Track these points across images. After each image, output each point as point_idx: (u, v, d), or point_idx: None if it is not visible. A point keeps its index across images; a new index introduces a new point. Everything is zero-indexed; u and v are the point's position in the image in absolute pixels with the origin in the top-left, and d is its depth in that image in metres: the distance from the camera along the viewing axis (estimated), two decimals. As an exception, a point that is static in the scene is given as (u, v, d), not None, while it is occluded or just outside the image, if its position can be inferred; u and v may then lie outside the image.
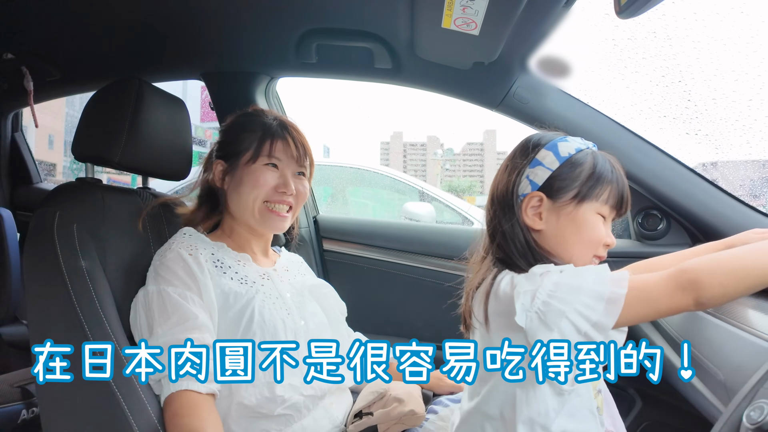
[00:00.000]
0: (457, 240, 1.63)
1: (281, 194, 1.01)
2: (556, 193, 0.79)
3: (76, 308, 0.80)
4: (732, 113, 1.14)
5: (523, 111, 1.30)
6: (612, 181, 0.79)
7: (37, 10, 1.20)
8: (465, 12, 0.93)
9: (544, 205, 0.79)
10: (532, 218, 0.79)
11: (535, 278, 0.72)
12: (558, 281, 0.70)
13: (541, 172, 0.80)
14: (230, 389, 0.86)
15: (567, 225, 0.79)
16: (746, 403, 0.55)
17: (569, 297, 0.69)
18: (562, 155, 0.80)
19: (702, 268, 0.67)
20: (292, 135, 1.04)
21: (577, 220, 0.79)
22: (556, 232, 0.79)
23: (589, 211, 0.79)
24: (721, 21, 0.86)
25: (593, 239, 0.79)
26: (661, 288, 0.68)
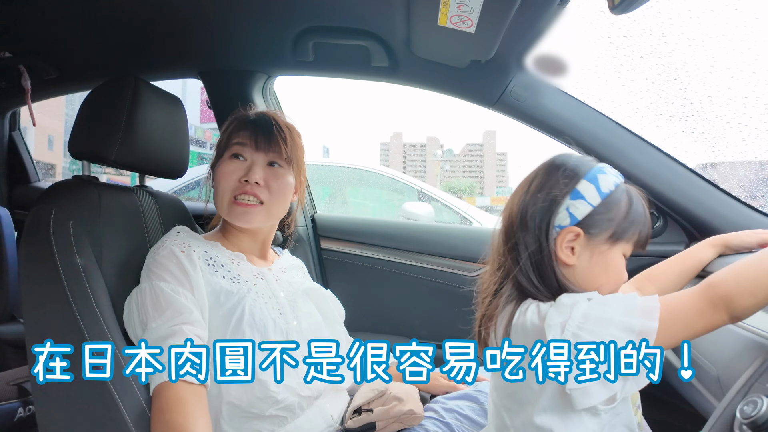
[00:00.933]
0: (454, 239, 1.63)
1: (245, 184, 0.97)
2: (592, 231, 0.76)
3: (72, 305, 0.80)
4: (728, 111, 1.14)
5: (519, 109, 1.30)
6: (642, 222, 0.78)
7: (35, 8, 1.20)
8: (461, 9, 0.94)
9: (579, 240, 0.76)
10: (567, 253, 0.76)
11: (564, 309, 0.70)
12: (587, 313, 0.68)
13: (582, 207, 0.75)
14: (219, 388, 0.85)
15: (597, 264, 0.76)
16: (739, 398, 0.55)
17: (599, 329, 0.67)
18: (604, 191, 0.76)
19: (729, 281, 0.65)
20: (260, 123, 1.00)
21: (607, 260, 0.77)
22: (587, 269, 0.77)
23: (618, 253, 0.77)
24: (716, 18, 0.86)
25: (619, 280, 0.78)
26: (694, 309, 0.66)
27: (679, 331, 0.67)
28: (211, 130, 14.13)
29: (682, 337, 0.68)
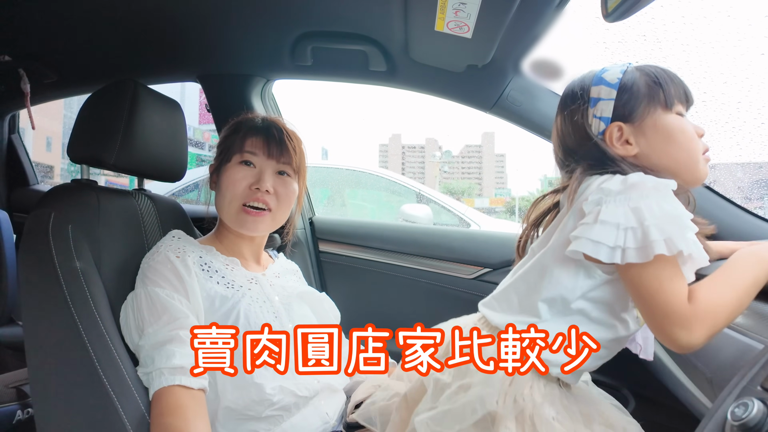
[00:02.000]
0: (453, 241, 1.64)
1: (256, 191, 0.98)
2: (630, 116, 0.79)
3: (71, 309, 0.80)
4: (721, 115, 1.15)
5: (516, 113, 1.31)
6: (669, 79, 0.79)
7: (34, 12, 1.21)
8: (457, 15, 0.95)
9: (626, 131, 0.79)
10: (623, 147, 0.79)
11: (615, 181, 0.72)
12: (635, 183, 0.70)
13: (604, 106, 0.79)
14: (216, 393, 0.86)
15: (656, 137, 0.78)
16: (731, 400, 0.56)
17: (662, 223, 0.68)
18: (613, 82, 0.80)
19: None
20: (270, 131, 1.01)
21: (663, 129, 0.78)
22: (650, 148, 0.78)
23: (670, 117, 0.79)
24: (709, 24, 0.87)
25: (689, 139, 0.78)
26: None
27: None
28: (210, 132, 14.11)
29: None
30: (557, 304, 0.76)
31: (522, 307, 0.81)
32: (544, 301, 0.77)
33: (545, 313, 0.77)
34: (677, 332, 0.66)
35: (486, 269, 1.54)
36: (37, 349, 0.81)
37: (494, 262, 1.53)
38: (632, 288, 0.71)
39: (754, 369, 0.58)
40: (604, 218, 0.69)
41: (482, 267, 1.54)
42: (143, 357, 0.82)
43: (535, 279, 0.80)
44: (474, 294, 1.55)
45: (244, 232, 1.01)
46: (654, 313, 0.68)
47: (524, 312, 0.80)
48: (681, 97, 0.79)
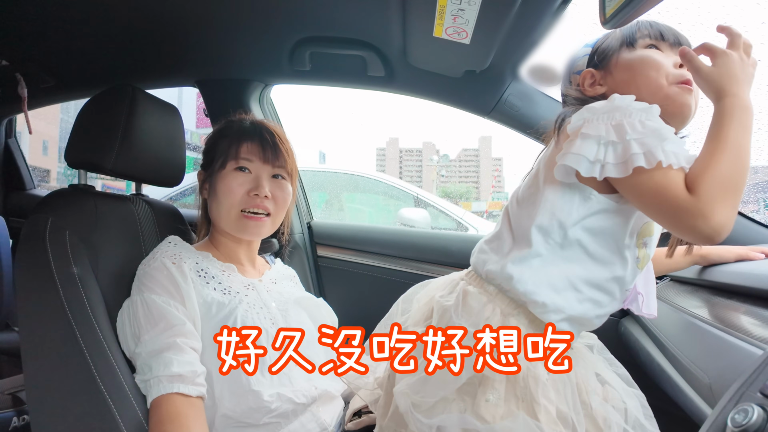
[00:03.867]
0: (451, 246, 1.64)
1: (254, 198, 0.98)
2: (601, 63, 0.85)
3: (68, 314, 0.80)
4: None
5: (514, 118, 1.32)
6: (646, 21, 0.83)
7: (32, 17, 1.20)
8: (456, 21, 0.95)
9: (597, 76, 0.85)
10: (593, 89, 0.85)
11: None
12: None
13: (581, 62, 0.89)
14: (214, 400, 0.86)
15: (622, 73, 0.82)
16: (731, 406, 0.56)
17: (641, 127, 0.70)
18: (591, 43, 0.88)
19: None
20: (263, 135, 1.01)
21: (627, 63, 0.82)
22: (617, 84, 0.83)
23: (633, 52, 0.82)
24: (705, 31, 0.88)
25: (651, 66, 0.80)
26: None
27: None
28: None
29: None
30: (554, 232, 0.76)
31: (515, 241, 0.80)
32: (538, 228, 0.77)
33: (541, 246, 0.77)
34: (697, 225, 0.66)
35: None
36: (33, 355, 0.80)
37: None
38: (635, 199, 0.72)
39: (754, 375, 0.58)
40: (586, 132, 0.71)
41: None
42: (140, 364, 0.82)
43: (527, 206, 0.80)
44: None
45: (246, 237, 1.01)
46: (665, 215, 0.69)
47: (517, 246, 0.79)
48: (653, 34, 0.83)
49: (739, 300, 0.81)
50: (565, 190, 0.76)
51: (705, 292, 0.94)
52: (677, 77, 0.79)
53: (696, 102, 0.81)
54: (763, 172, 1.38)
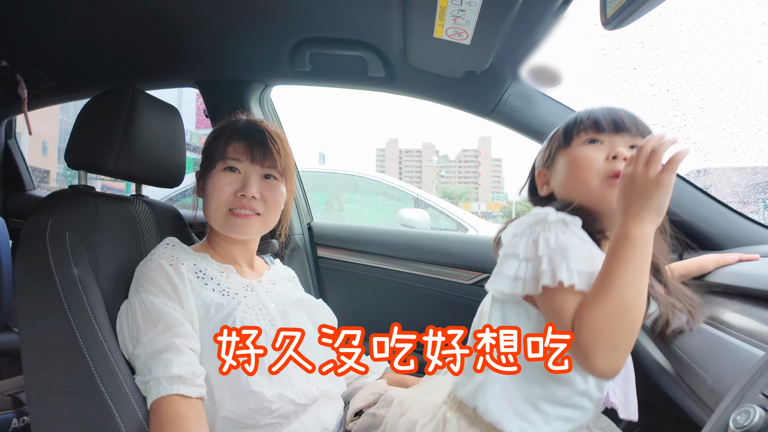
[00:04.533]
0: (450, 246, 1.64)
1: (241, 198, 0.97)
2: (547, 160, 0.88)
3: (68, 315, 0.80)
4: (719, 121, 1.16)
5: (514, 119, 1.32)
6: (587, 112, 0.83)
7: (32, 17, 1.20)
8: (456, 22, 0.95)
9: (547, 174, 0.87)
10: (544, 189, 0.87)
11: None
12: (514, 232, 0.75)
13: (538, 157, 0.91)
14: (214, 402, 0.85)
15: (560, 174, 0.84)
16: (733, 407, 0.56)
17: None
18: (550, 135, 0.90)
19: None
20: (253, 135, 1.00)
21: (563, 163, 0.83)
22: (558, 183, 0.84)
23: (569, 150, 0.83)
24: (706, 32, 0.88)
25: (581, 164, 0.79)
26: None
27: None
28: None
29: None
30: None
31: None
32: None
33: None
34: (581, 361, 0.66)
35: (485, 274, 1.54)
36: (33, 356, 0.80)
37: (493, 267, 1.53)
38: (549, 318, 0.71)
39: (755, 376, 0.58)
40: (509, 251, 0.73)
41: (481, 272, 1.54)
42: (139, 366, 0.82)
43: (484, 323, 0.80)
44: (472, 299, 1.54)
45: (235, 235, 1.00)
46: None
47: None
48: (588, 126, 0.81)
49: (741, 301, 0.81)
50: (510, 307, 0.77)
51: (706, 294, 0.94)
52: (608, 172, 0.77)
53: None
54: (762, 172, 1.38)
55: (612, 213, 0.74)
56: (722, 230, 1.16)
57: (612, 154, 0.77)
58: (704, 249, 1.18)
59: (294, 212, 1.68)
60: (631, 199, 0.65)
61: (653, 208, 0.64)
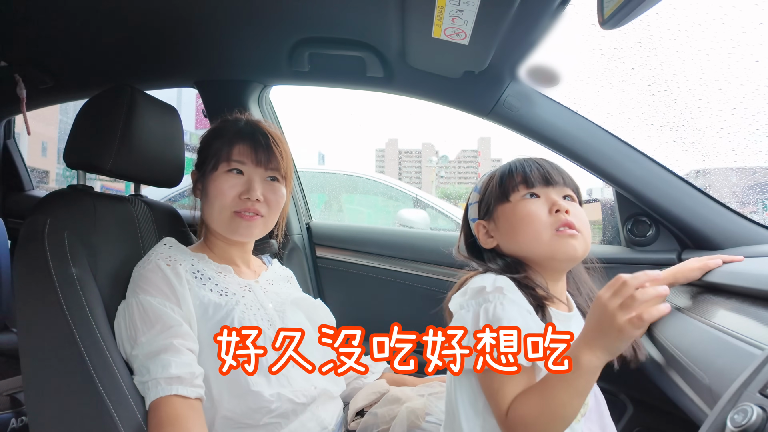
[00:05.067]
0: (449, 246, 1.63)
1: (246, 201, 0.97)
2: (487, 214, 0.88)
3: (67, 315, 0.80)
4: (717, 121, 1.16)
5: (513, 119, 1.32)
6: (516, 167, 0.86)
7: (31, 17, 1.20)
8: (455, 22, 0.95)
9: (488, 227, 0.88)
10: (486, 241, 0.88)
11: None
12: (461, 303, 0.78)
13: (473, 209, 0.92)
14: (213, 402, 0.85)
15: (504, 227, 0.85)
16: (730, 407, 0.56)
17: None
18: (479, 187, 0.91)
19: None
20: (256, 137, 1.00)
21: (506, 217, 0.84)
22: (503, 237, 0.85)
23: (508, 205, 0.84)
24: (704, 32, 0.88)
25: (527, 219, 0.82)
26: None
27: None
28: (207, 137, 14.00)
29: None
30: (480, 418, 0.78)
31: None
32: (468, 419, 0.78)
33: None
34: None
35: (483, 274, 1.54)
36: (31, 356, 0.80)
37: (492, 268, 1.53)
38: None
39: (753, 375, 0.58)
40: (455, 323, 0.75)
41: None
42: (137, 366, 0.81)
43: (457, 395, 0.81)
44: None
45: (238, 237, 1.00)
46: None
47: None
48: (520, 182, 0.84)
49: (738, 300, 0.81)
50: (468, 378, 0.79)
51: (703, 293, 0.95)
52: (555, 224, 0.80)
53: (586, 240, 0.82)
54: (761, 173, 1.38)
55: (570, 260, 0.81)
56: (722, 230, 1.17)
57: (554, 208, 0.81)
58: (704, 249, 1.19)
59: (293, 212, 1.68)
60: (592, 326, 0.66)
61: (607, 348, 0.65)
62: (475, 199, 0.92)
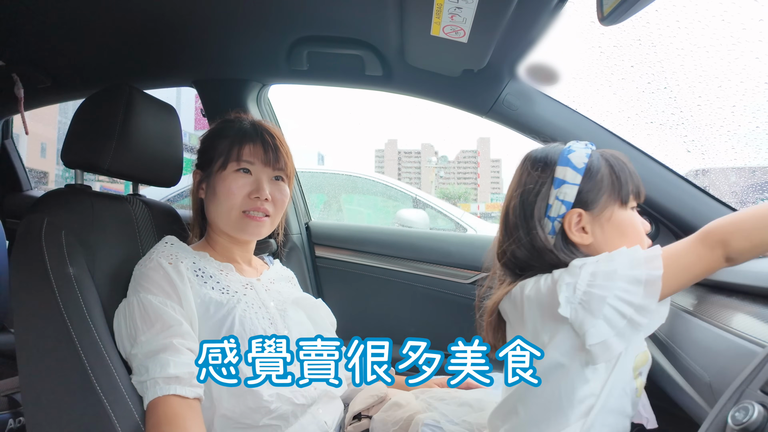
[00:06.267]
0: (449, 246, 1.64)
1: (255, 200, 0.98)
2: (591, 205, 0.80)
3: (64, 315, 0.79)
4: (717, 119, 1.16)
5: (512, 118, 1.31)
6: (629, 174, 0.82)
7: (29, 17, 1.20)
8: (453, 20, 0.95)
9: (584, 219, 0.80)
10: (580, 235, 0.80)
11: (574, 270, 0.73)
12: (595, 271, 0.72)
13: (568, 190, 0.79)
14: (212, 401, 0.85)
15: (612, 231, 0.80)
16: (731, 404, 0.56)
17: (608, 284, 0.70)
18: (579, 167, 0.80)
19: (725, 226, 0.71)
20: (264, 138, 1.01)
21: (618, 224, 0.81)
22: (604, 241, 0.80)
23: (626, 212, 0.82)
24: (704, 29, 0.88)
25: (639, 237, 0.81)
26: (692, 254, 0.72)
27: (681, 279, 0.72)
28: (206, 138, 14.00)
29: (684, 282, 0.73)
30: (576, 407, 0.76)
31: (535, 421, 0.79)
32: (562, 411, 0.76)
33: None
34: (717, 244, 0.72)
35: (483, 274, 1.54)
36: (28, 356, 0.80)
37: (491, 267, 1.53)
38: None
39: (754, 373, 0.57)
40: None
41: (479, 271, 1.54)
42: (136, 366, 0.81)
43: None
44: (471, 298, 1.54)
45: (246, 237, 1.01)
46: None
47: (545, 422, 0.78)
48: (635, 193, 0.82)
49: (739, 298, 0.81)
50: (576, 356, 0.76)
51: (704, 291, 0.94)
52: (648, 243, 0.82)
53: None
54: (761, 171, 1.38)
55: None
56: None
57: (646, 228, 0.83)
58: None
59: (292, 212, 1.68)
60: None
61: None
62: (573, 179, 0.80)
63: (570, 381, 0.75)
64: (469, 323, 1.48)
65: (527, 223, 0.80)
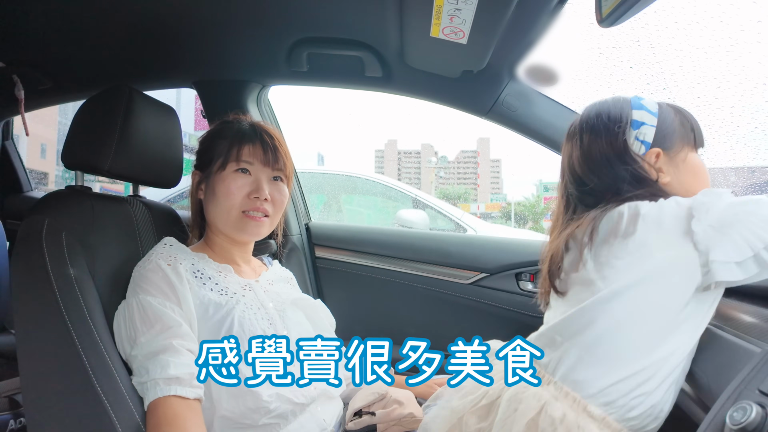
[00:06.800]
0: (448, 246, 1.64)
1: (255, 200, 0.98)
2: (666, 146, 0.83)
3: (64, 316, 0.79)
4: (715, 120, 1.16)
5: (512, 118, 1.32)
6: (694, 121, 0.85)
7: (29, 18, 1.20)
8: (453, 21, 0.95)
9: (661, 159, 0.83)
10: (653, 172, 0.82)
11: (711, 195, 0.73)
12: (732, 201, 0.72)
13: (647, 130, 0.83)
14: (212, 402, 0.85)
15: (686, 172, 0.83)
16: (729, 404, 0.56)
17: (744, 215, 0.70)
18: (653, 110, 0.84)
19: None
20: (263, 138, 1.01)
21: (691, 165, 0.84)
22: (680, 181, 0.83)
23: (695, 155, 0.84)
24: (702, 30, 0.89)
25: (708, 177, 0.83)
26: None
27: None
28: (206, 138, 14.00)
29: None
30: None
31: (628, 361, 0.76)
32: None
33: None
34: None
35: (483, 274, 1.54)
36: (29, 357, 0.80)
37: (491, 267, 1.54)
38: None
39: (751, 373, 0.58)
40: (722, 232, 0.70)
41: (479, 272, 1.54)
42: (136, 367, 0.81)
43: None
44: (471, 299, 1.54)
45: (245, 237, 1.01)
46: None
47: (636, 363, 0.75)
48: (701, 142, 0.86)
49: (737, 298, 0.81)
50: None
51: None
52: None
53: None
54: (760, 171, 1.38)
55: None
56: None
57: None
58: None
59: (292, 213, 1.68)
60: None
61: None
62: (650, 121, 0.83)
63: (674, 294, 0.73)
64: (469, 323, 1.49)
65: (622, 158, 0.82)
